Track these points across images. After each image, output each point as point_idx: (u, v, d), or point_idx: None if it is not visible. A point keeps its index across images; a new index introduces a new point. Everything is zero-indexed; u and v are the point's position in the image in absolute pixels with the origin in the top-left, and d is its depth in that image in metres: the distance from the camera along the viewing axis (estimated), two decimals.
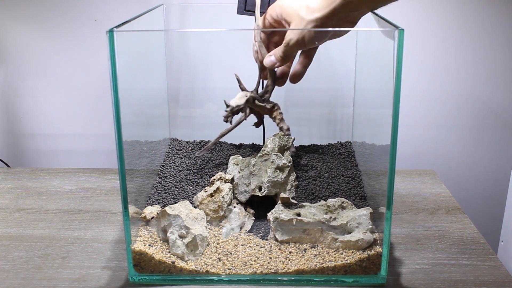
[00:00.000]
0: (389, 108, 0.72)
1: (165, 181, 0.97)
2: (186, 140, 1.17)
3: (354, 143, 1.14)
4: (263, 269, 0.79)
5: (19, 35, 1.21)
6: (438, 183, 1.12)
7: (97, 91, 1.24)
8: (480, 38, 1.21)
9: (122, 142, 0.74)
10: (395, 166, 0.74)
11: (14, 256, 0.87)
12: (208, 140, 1.16)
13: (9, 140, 1.30)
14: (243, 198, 0.91)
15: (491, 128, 1.27)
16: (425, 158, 1.30)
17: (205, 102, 1.22)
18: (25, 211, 1.01)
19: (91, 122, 1.28)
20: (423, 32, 1.20)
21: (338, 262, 0.79)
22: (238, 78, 0.93)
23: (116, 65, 0.70)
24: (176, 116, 1.22)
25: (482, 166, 1.31)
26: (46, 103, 1.27)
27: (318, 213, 0.83)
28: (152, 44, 1.08)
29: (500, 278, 0.81)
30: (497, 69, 1.23)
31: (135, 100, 0.89)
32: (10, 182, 1.14)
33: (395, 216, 0.98)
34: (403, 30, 0.68)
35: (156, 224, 0.83)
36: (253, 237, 0.85)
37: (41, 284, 0.80)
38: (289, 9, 0.78)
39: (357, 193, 0.93)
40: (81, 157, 1.31)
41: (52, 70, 1.24)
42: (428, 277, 0.81)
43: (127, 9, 1.18)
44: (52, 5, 1.19)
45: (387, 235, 0.77)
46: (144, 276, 0.80)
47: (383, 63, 0.78)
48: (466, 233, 0.93)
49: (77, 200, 1.06)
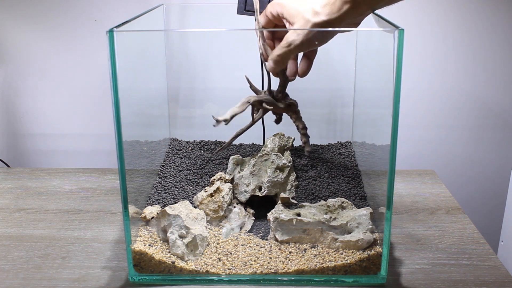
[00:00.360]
0: (389, 108, 0.72)
1: (165, 181, 0.97)
2: (186, 140, 1.17)
3: (354, 143, 1.14)
4: (263, 269, 0.79)
5: (19, 35, 1.21)
6: (438, 183, 1.12)
7: (97, 91, 1.24)
8: (480, 38, 1.21)
9: (122, 142, 0.74)
10: (395, 166, 0.74)
11: (14, 256, 0.87)
12: (208, 140, 1.16)
13: (9, 140, 1.30)
14: (243, 198, 0.91)
15: (491, 128, 1.27)
16: (425, 158, 1.30)
17: (205, 102, 1.22)
18: (25, 211, 1.01)
19: (91, 122, 1.28)
20: (423, 32, 1.20)
21: (338, 262, 0.79)
22: (248, 79, 0.91)
23: (116, 65, 0.70)
24: (176, 116, 1.22)
25: (482, 166, 1.31)
26: (46, 103, 1.27)
27: (318, 213, 0.83)
28: (152, 44, 1.08)
29: (500, 278, 0.81)
30: (497, 69, 1.23)
31: (135, 100, 0.89)
32: (10, 182, 1.14)
33: (395, 216, 0.98)
34: (403, 30, 0.68)
35: (156, 224, 0.83)
36: (253, 237, 0.85)
37: (41, 284, 0.80)
38: (292, 10, 0.76)
39: (357, 193, 0.93)
40: (81, 157, 1.31)
41: (52, 70, 1.24)
42: (428, 277, 0.81)
43: (127, 9, 1.18)
44: (52, 5, 1.19)
45: (387, 235, 0.77)
46: (144, 276, 0.80)
47: (383, 63, 0.78)
48: (466, 233, 0.93)
49: (77, 200, 1.06)
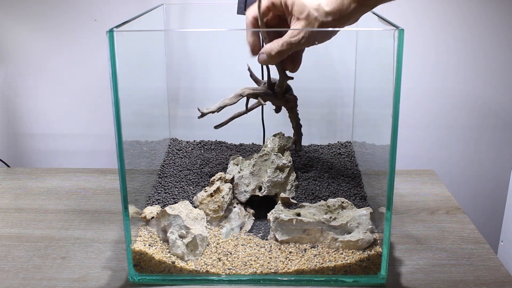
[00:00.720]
0: (389, 108, 0.72)
1: (165, 181, 0.97)
2: (186, 140, 1.17)
3: (354, 143, 1.14)
4: (263, 269, 0.79)
5: (19, 35, 1.21)
6: (438, 183, 1.12)
7: (97, 91, 1.24)
8: (480, 38, 1.21)
9: (122, 142, 0.74)
10: (395, 166, 0.74)
11: (14, 256, 0.87)
12: (208, 140, 1.16)
13: (9, 140, 1.30)
14: (243, 198, 0.91)
15: (491, 128, 1.27)
16: (425, 158, 1.30)
17: (205, 102, 1.22)
18: (25, 211, 1.01)
19: (91, 122, 1.28)
20: (423, 32, 1.20)
21: (338, 262, 0.79)
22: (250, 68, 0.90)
23: (116, 65, 0.70)
24: (176, 116, 1.22)
25: (482, 166, 1.31)
26: (46, 103, 1.27)
27: (318, 213, 0.83)
28: (152, 44, 1.08)
29: (500, 278, 0.81)
30: (497, 69, 1.23)
31: (135, 100, 0.89)
32: (10, 182, 1.14)
33: (395, 216, 0.98)
34: (403, 30, 0.68)
35: (156, 224, 0.83)
36: (253, 237, 0.85)
37: (41, 284, 0.80)
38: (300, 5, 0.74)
39: (357, 193, 0.93)
40: (81, 157, 1.31)
41: (52, 70, 1.24)
42: (428, 277, 0.81)
43: (127, 9, 1.18)
44: (52, 5, 1.19)
45: (387, 235, 0.77)
46: (144, 276, 0.80)
47: (383, 63, 0.78)
48: (466, 233, 0.93)
49: (77, 200, 1.06)
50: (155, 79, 1.12)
